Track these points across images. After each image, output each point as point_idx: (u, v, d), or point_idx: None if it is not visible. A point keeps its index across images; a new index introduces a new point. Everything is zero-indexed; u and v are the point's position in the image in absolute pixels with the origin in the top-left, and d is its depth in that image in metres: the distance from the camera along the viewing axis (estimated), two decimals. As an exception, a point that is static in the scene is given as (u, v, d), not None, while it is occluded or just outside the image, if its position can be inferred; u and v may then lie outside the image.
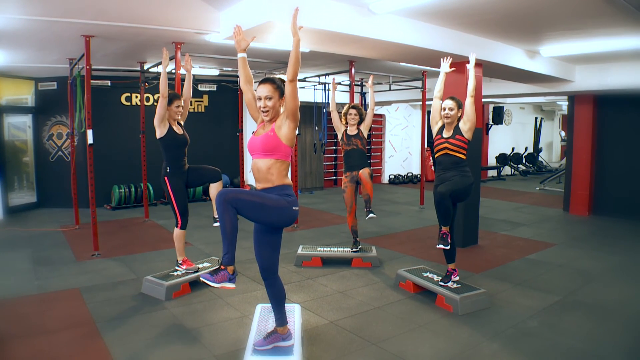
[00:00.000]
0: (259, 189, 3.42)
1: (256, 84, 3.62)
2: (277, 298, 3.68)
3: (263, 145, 3.35)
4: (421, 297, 5.25)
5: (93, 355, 3.89)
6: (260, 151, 3.38)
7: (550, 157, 23.11)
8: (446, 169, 5.04)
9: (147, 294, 5.26)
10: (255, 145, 3.41)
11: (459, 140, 4.97)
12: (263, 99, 3.35)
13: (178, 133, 5.38)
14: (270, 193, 3.36)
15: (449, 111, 5.01)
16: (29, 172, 10.60)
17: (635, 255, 7.00)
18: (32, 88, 10.43)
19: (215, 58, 8.23)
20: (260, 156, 3.38)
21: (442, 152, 5.08)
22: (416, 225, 9.19)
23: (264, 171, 3.37)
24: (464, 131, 4.98)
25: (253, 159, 3.45)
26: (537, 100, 17.03)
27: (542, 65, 8.17)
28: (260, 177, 3.40)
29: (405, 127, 16.22)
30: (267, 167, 3.36)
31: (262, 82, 3.37)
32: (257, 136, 3.44)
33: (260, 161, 3.38)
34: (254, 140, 3.44)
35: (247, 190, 3.32)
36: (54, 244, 7.47)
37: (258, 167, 3.39)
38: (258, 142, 3.39)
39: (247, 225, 8.91)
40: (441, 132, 5.14)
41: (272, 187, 3.38)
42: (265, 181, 3.38)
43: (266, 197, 3.31)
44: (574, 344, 4.13)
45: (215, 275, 3.22)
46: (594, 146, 10.04)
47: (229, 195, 3.17)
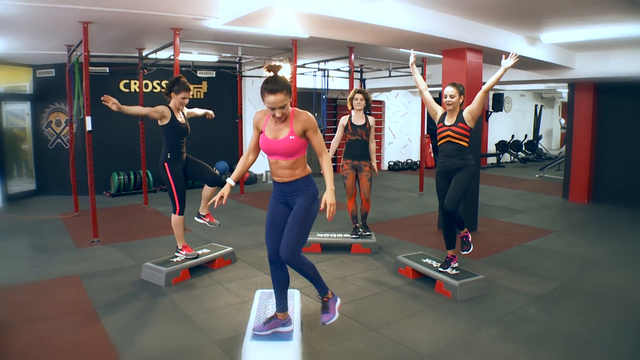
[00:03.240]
0: (283, 182, 3.47)
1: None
2: (283, 283, 3.72)
3: (287, 150, 3.37)
4: (420, 283, 5.26)
5: (93, 342, 3.91)
6: (283, 155, 3.39)
7: (550, 144, 23.08)
8: (449, 156, 5.03)
9: (146, 280, 5.28)
10: (275, 149, 3.38)
11: (462, 128, 4.93)
12: (277, 109, 3.27)
13: (180, 122, 5.35)
14: (298, 184, 3.46)
15: (450, 98, 4.96)
16: (28, 159, 10.59)
17: (634, 242, 7.01)
18: (30, 75, 10.38)
19: (214, 44, 8.19)
20: (282, 157, 3.40)
21: (444, 140, 5.04)
22: (415, 211, 9.20)
23: (288, 169, 3.43)
24: (467, 120, 4.94)
25: (271, 158, 3.45)
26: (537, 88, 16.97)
27: (543, 52, 8.13)
28: (284, 174, 3.45)
29: (404, 114, 16.18)
30: (291, 165, 3.43)
31: (270, 92, 3.25)
32: (276, 139, 3.38)
33: (282, 162, 3.41)
34: (274, 144, 3.38)
35: (297, 227, 3.43)
36: (54, 231, 7.48)
37: (281, 166, 3.43)
38: (280, 147, 3.37)
39: (246, 212, 8.95)
40: (443, 119, 5.09)
41: (297, 179, 3.47)
42: (290, 176, 3.45)
43: (307, 216, 3.46)
44: (573, 330, 4.15)
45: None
46: (594, 134, 10.02)
47: (297, 253, 3.45)
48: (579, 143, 10.15)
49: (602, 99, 9.91)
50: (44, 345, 3.82)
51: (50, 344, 3.83)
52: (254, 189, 11.79)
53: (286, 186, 3.49)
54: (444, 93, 5.01)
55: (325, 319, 3.67)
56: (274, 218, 3.60)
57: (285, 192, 3.52)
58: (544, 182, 13.30)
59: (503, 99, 16.91)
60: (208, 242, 6.57)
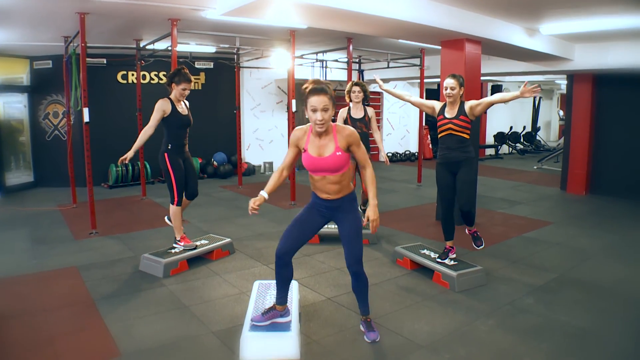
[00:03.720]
0: (330, 198, 3.50)
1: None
2: (289, 279, 3.76)
3: (335, 166, 3.38)
4: (418, 274, 5.27)
5: (91, 333, 3.91)
6: (331, 171, 3.40)
7: (548, 136, 23.07)
8: (450, 149, 5.02)
9: (144, 272, 5.28)
10: (323, 166, 3.39)
11: (463, 120, 4.93)
12: (320, 111, 3.22)
13: (182, 113, 5.35)
14: (343, 201, 3.51)
15: (451, 90, 4.93)
16: (26, 151, 10.56)
17: (632, 234, 7.03)
18: (27, 67, 10.33)
19: (211, 35, 8.15)
20: (330, 174, 3.41)
21: (446, 133, 5.04)
22: (414, 202, 9.21)
23: (336, 186, 3.46)
24: (469, 114, 4.93)
25: (316, 175, 3.47)
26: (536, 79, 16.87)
27: (542, 43, 8.10)
28: (332, 190, 3.46)
29: (403, 105, 16.09)
30: (339, 182, 3.45)
31: (314, 92, 3.22)
32: (322, 157, 3.38)
33: (331, 177, 3.42)
34: (319, 162, 3.39)
35: (359, 241, 3.57)
36: (52, 223, 7.47)
37: (329, 182, 3.44)
38: (328, 164, 3.37)
39: (244, 203, 8.95)
40: (443, 112, 5.07)
41: (343, 196, 3.52)
42: (338, 192, 3.48)
43: (360, 232, 3.57)
44: (570, 321, 4.16)
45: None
46: (592, 126, 10.00)
47: (362, 264, 3.64)
48: (578, 135, 10.14)
49: (601, 90, 9.88)
50: (43, 337, 3.82)
51: (48, 335, 3.83)
52: (252, 180, 11.78)
53: (333, 203, 3.51)
54: (444, 85, 4.99)
55: (373, 337, 3.74)
56: (304, 220, 3.61)
57: (332, 207, 3.54)
58: (542, 173, 13.31)
59: (502, 90, 16.89)
60: (206, 233, 6.57)
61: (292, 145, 3.53)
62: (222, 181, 11.56)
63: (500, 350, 3.66)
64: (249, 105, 12.72)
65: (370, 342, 3.73)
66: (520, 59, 9.57)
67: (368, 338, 3.75)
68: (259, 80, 12.73)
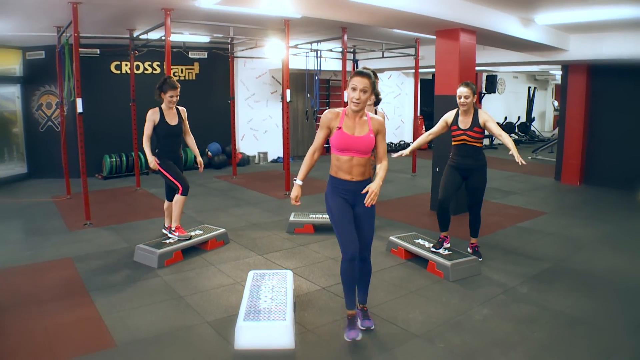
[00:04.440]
0: (353, 180, 3.55)
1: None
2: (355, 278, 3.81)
3: (367, 147, 3.50)
4: (412, 264, 5.29)
5: (86, 324, 3.91)
6: (361, 152, 3.51)
7: (543, 126, 23.09)
8: (464, 156, 5.19)
9: (139, 262, 5.27)
10: (356, 145, 3.49)
11: (477, 132, 5.07)
12: (358, 91, 3.39)
13: (170, 123, 5.57)
14: (365, 185, 3.51)
15: (465, 99, 5.04)
16: (19, 143, 10.49)
17: (625, 224, 7.06)
18: (20, 57, 10.24)
19: (205, 25, 8.10)
20: (359, 155, 3.51)
21: (460, 143, 5.19)
22: (408, 192, 9.23)
23: (361, 168, 3.55)
24: (482, 126, 5.06)
25: (343, 155, 3.52)
26: (530, 70, 16.93)
27: (537, 33, 8.08)
28: (357, 172, 3.55)
29: (397, 95, 16.13)
30: (364, 164, 3.55)
31: (359, 74, 3.41)
32: (355, 136, 3.49)
33: (357, 159, 3.52)
34: (353, 140, 3.48)
35: (373, 228, 3.73)
36: (46, 214, 7.45)
37: (356, 163, 3.53)
38: (361, 143, 3.49)
39: (239, 193, 8.95)
40: (456, 122, 5.18)
41: (365, 179, 3.59)
42: (361, 175, 3.56)
43: (374, 214, 3.72)
44: (564, 310, 4.18)
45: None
46: (587, 116, 10.02)
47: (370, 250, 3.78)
48: (572, 125, 10.15)
49: (596, 81, 9.89)
50: (38, 328, 3.81)
51: (43, 326, 3.83)
52: (247, 170, 11.78)
53: (355, 185, 3.55)
54: (458, 94, 5.08)
55: (368, 324, 3.78)
56: (348, 218, 3.61)
57: (353, 191, 3.57)
58: (536, 164, 13.33)
59: (496, 80, 16.86)
60: (201, 223, 6.57)
61: (323, 127, 3.59)
62: (216, 171, 11.54)
63: (494, 339, 3.68)
64: (244, 96, 12.68)
65: (365, 329, 3.76)
66: (515, 49, 9.55)
67: (362, 325, 3.77)
68: (254, 70, 12.69)
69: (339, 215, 3.58)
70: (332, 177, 3.62)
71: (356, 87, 3.39)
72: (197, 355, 3.44)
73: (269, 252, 5.71)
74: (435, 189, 7.74)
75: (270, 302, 3.85)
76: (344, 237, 3.54)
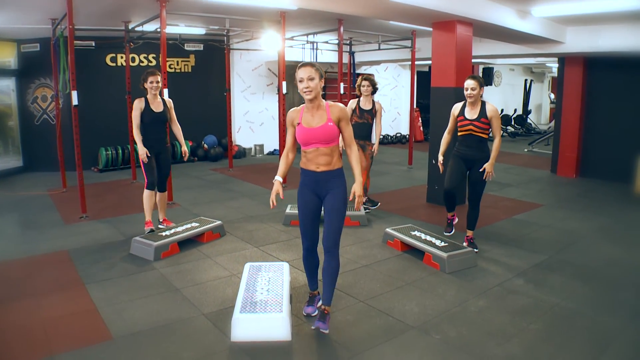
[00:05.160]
0: (320, 171, 3.59)
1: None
2: (317, 266, 3.95)
3: (326, 136, 3.53)
4: (408, 256, 5.30)
5: (82, 316, 3.91)
6: (322, 142, 3.54)
7: (539, 119, 23.13)
8: (469, 147, 5.29)
9: (135, 255, 5.27)
10: (314, 137, 3.53)
11: (484, 122, 5.16)
12: (306, 80, 3.45)
13: (155, 111, 5.76)
14: (332, 176, 3.60)
15: (472, 91, 5.12)
16: (14, 136, 10.44)
17: (621, 217, 7.09)
18: (15, 50, 10.17)
19: (201, 16, 8.06)
20: (322, 145, 3.54)
21: (466, 133, 5.27)
22: (404, 184, 9.24)
23: (327, 158, 3.57)
24: (489, 117, 5.16)
25: (308, 148, 3.57)
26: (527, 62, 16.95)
27: (533, 25, 8.07)
28: (322, 161, 3.58)
29: (394, 87, 16.11)
30: (330, 154, 3.57)
31: (301, 65, 3.50)
32: (313, 127, 3.53)
33: (322, 149, 3.55)
34: (312, 132, 3.53)
35: (340, 220, 3.64)
36: (42, 207, 7.43)
37: (321, 153, 3.56)
38: (319, 134, 3.52)
39: (235, 186, 8.94)
40: (463, 112, 5.25)
41: (334, 169, 3.61)
42: (328, 165, 3.59)
43: (344, 210, 3.65)
44: (559, 302, 4.20)
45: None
46: (583, 109, 10.02)
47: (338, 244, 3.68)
48: (568, 118, 10.16)
49: (592, 74, 9.89)
50: (34, 321, 3.81)
51: (40, 320, 3.83)
52: (243, 162, 11.76)
53: (322, 175, 3.59)
54: (465, 86, 5.17)
55: (322, 327, 3.55)
56: (309, 211, 3.70)
57: (320, 181, 3.61)
58: (532, 156, 13.36)
59: (493, 73, 16.87)
60: (197, 215, 6.56)
61: (289, 125, 3.68)
62: (212, 164, 11.53)
63: (490, 331, 3.69)
64: (240, 88, 12.64)
65: (315, 327, 3.58)
66: (512, 42, 9.54)
67: (314, 324, 3.60)
68: (250, 62, 12.64)
69: (302, 209, 3.70)
70: (301, 169, 3.68)
71: (302, 79, 3.46)
72: (193, 347, 3.44)
73: (265, 244, 5.71)
74: (432, 181, 7.77)
75: (267, 294, 3.86)
76: (303, 230, 3.75)
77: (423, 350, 3.43)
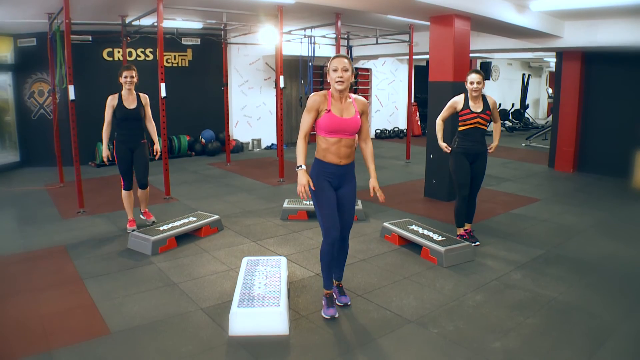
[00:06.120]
0: (342, 164, 3.63)
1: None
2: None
3: (354, 129, 3.59)
4: (406, 250, 5.31)
5: (80, 312, 3.90)
6: (349, 133, 3.58)
7: (537, 114, 23.13)
8: (475, 141, 5.32)
9: (133, 250, 5.27)
10: (344, 127, 3.55)
11: (488, 115, 5.28)
12: (340, 70, 3.48)
13: (127, 107, 5.75)
14: (350, 169, 3.71)
15: (477, 85, 5.17)
16: (11, 131, 10.41)
17: (618, 211, 7.10)
18: (11, 45, 10.13)
19: (198, 10, 8.04)
20: (347, 136, 3.58)
21: (472, 126, 5.27)
22: (402, 179, 9.24)
23: (348, 150, 3.62)
24: (491, 109, 5.30)
25: (332, 137, 3.57)
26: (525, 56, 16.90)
27: (531, 19, 8.05)
28: (343, 154, 3.61)
29: (392, 82, 16.08)
30: (351, 146, 3.64)
31: (338, 56, 3.54)
32: (345, 118, 3.55)
33: (345, 140, 3.59)
34: (343, 122, 3.55)
35: (354, 209, 3.81)
36: (39, 202, 7.41)
37: (344, 145, 3.59)
38: (350, 124, 3.56)
39: (233, 180, 8.93)
40: (468, 105, 5.27)
41: (351, 162, 3.70)
42: (348, 158, 3.65)
43: (355, 197, 3.82)
44: (556, 297, 4.21)
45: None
46: (581, 103, 10.01)
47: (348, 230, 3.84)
48: (566, 112, 10.16)
49: (590, 68, 9.88)
50: (32, 316, 3.80)
51: (37, 314, 3.82)
52: (240, 157, 11.75)
53: (344, 169, 3.65)
54: (470, 80, 5.20)
55: (345, 300, 3.97)
56: (333, 202, 3.67)
57: (338, 174, 3.66)
58: (530, 151, 13.37)
59: (491, 67, 16.85)
60: (194, 210, 6.56)
61: (311, 109, 3.60)
62: (210, 159, 11.52)
63: (487, 325, 3.70)
64: (237, 82, 12.61)
65: (342, 305, 3.91)
66: (510, 36, 9.52)
67: (340, 301, 3.93)
68: (247, 56, 12.61)
69: (323, 200, 3.64)
70: (318, 161, 3.65)
71: (337, 68, 3.49)
72: (191, 341, 3.44)
73: (263, 238, 5.71)
74: (430, 176, 7.77)
75: (265, 289, 3.86)
76: (327, 222, 3.64)
77: (421, 344, 3.43)
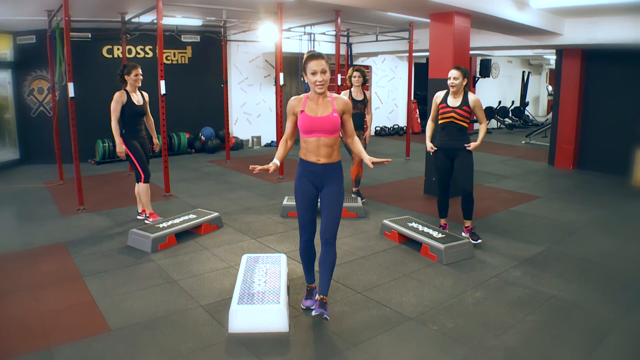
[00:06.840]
0: (320, 163, 3.58)
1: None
2: (312, 258, 3.91)
3: (329, 127, 3.52)
4: (406, 247, 5.31)
5: (80, 309, 3.90)
6: (326, 132, 3.52)
7: (537, 111, 23.10)
8: (450, 135, 5.32)
9: (133, 247, 5.27)
10: (318, 126, 3.51)
11: (465, 111, 5.22)
12: (319, 73, 3.43)
13: (136, 104, 5.83)
14: (331, 168, 3.61)
15: (454, 80, 5.17)
16: (11, 128, 10.39)
17: (618, 209, 7.10)
18: (11, 42, 10.11)
19: (198, 7, 8.02)
20: (325, 135, 3.53)
21: (447, 120, 5.29)
22: (402, 176, 9.24)
23: (328, 149, 3.56)
24: (472, 107, 5.22)
25: (310, 137, 3.54)
26: (525, 54, 16.90)
27: (531, 17, 8.04)
28: (323, 153, 3.56)
29: (391, 79, 16.07)
30: (331, 145, 3.57)
31: (314, 57, 3.46)
32: (318, 116, 3.51)
33: (323, 139, 3.54)
34: (316, 121, 3.51)
35: (338, 212, 3.65)
36: (39, 200, 7.41)
37: (321, 144, 3.54)
38: (325, 123, 3.51)
39: (232, 178, 8.93)
40: (445, 100, 5.31)
41: (334, 162, 3.62)
42: (328, 157, 3.58)
43: (342, 202, 3.69)
44: (556, 294, 4.21)
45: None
46: (580, 101, 10.01)
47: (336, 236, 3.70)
48: (566, 110, 10.15)
49: (590, 66, 9.86)
50: (32, 314, 3.81)
51: (38, 312, 3.83)
52: (240, 154, 11.74)
53: (322, 167, 3.58)
54: (449, 75, 5.23)
55: (324, 312, 3.46)
56: (308, 202, 3.67)
57: (319, 173, 3.60)
58: (530, 148, 13.36)
59: (490, 64, 16.84)
60: (194, 207, 6.56)
61: (290, 114, 3.63)
62: (210, 156, 11.51)
63: (487, 322, 3.70)
64: (237, 79, 12.60)
65: (316, 315, 3.49)
66: (510, 33, 9.51)
67: (316, 311, 3.49)
68: (247, 53, 12.60)
69: (300, 201, 3.67)
70: (300, 160, 3.66)
71: (316, 71, 3.43)
72: (191, 338, 3.45)
73: (263, 235, 5.71)
74: (429, 173, 7.77)
75: (264, 286, 3.86)
76: (302, 222, 3.71)
77: (420, 341, 3.43)
